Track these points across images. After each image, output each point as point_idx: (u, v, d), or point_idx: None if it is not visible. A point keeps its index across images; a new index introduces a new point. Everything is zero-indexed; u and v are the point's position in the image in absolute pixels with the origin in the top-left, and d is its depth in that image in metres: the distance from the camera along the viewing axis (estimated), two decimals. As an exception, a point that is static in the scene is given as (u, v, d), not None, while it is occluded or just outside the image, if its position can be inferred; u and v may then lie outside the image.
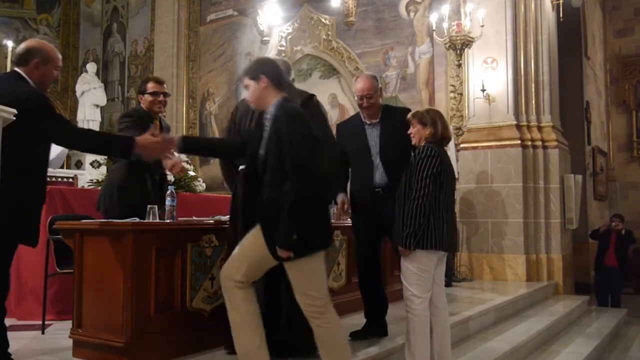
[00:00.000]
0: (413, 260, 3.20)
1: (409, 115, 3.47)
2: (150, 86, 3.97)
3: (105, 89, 10.75)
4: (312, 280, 2.78)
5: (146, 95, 3.97)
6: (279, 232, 2.66)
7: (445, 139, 3.36)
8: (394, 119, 3.72)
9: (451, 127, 6.63)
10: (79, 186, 6.99)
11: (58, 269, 3.98)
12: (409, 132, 3.40)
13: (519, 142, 7.00)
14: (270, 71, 2.89)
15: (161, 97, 3.99)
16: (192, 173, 6.05)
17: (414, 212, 3.15)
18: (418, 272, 3.20)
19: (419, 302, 3.20)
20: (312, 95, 3.63)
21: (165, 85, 4.10)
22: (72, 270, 3.41)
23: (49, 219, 4.11)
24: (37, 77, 2.91)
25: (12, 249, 2.90)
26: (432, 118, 3.32)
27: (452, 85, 7.69)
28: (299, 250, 2.68)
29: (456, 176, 6.18)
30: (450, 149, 6.54)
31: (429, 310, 3.26)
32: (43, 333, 3.91)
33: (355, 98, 3.82)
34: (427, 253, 3.19)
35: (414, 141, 3.38)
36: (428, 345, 3.22)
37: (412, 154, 3.35)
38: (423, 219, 3.15)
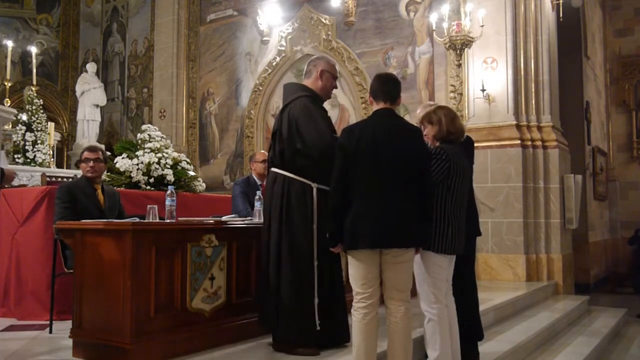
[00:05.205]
0: (427, 264, 3.18)
1: (420, 118, 3.42)
2: (85, 154, 4.21)
3: (105, 89, 10.76)
4: None
5: (82, 164, 4.24)
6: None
7: (452, 133, 3.24)
8: None
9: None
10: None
11: (66, 269, 3.95)
12: (424, 133, 3.31)
13: (518, 142, 7.00)
14: None
15: (92, 163, 4.17)
16: (192, 173, 6.02)
17: None
18: (431, 273, 3.17)
19: (435, 301, 3.16)
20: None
21: (99, 153, 4.26)
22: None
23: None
24: None
25: None
26: (437, 116, 3.27)
27: (452, 85, 7.69)
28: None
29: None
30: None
31: None
32: (51, 332, 3.91)
33: None
34: (436, 255, 3.16)
35: (427, 142, 3.30)
36: (449, 345, 3.19)
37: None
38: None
